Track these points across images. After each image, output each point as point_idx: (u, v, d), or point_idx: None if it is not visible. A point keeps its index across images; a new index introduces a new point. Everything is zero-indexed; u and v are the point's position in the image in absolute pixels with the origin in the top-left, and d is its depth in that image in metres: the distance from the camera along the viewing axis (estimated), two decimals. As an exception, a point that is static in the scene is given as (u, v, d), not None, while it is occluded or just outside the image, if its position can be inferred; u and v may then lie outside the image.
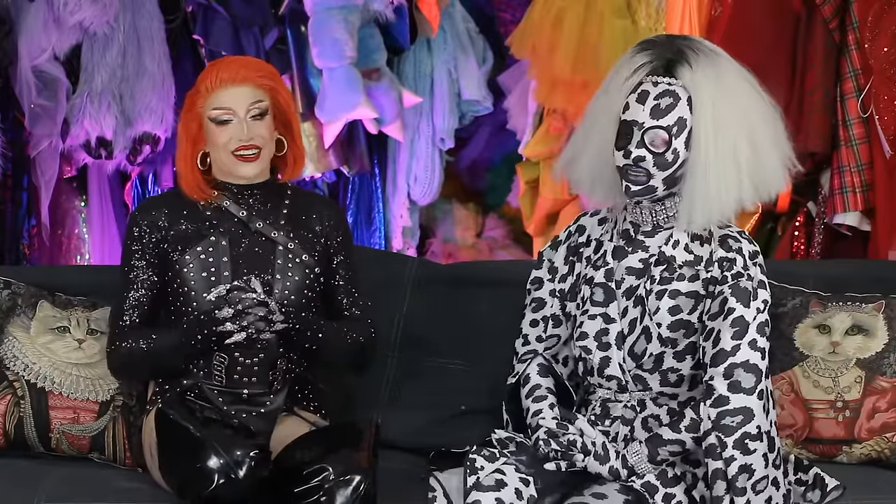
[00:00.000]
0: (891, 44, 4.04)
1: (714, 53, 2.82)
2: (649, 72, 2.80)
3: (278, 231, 3.07)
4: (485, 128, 5.33)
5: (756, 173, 2.79)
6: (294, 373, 3.09)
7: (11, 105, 4.50)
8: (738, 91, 2.80)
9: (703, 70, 2.78)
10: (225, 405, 3.00)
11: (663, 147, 2.77)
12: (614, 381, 2.88)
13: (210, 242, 3.04)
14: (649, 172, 2.78)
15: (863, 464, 3.17)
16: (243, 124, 3.01)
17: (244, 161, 3.03)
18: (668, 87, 2.78)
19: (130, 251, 3.08)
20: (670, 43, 2.84)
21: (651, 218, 2.87)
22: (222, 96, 3.02)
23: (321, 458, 2.78)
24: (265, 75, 3.07)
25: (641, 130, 2.77)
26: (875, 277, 3.41)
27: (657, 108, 2.77)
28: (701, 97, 2.77)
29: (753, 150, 2.78)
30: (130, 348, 3.02)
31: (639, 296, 2.85)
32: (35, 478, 3.06)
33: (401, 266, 3.56)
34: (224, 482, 2.72)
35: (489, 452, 2.82)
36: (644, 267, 2.87)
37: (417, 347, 3.45)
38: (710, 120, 2.76)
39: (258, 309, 2.92)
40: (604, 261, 2.91)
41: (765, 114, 2.82)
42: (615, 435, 2.87)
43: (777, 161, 2.82)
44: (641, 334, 2.84)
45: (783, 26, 4.21)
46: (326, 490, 2.73)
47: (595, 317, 2.89)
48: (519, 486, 2.76)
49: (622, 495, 2.78)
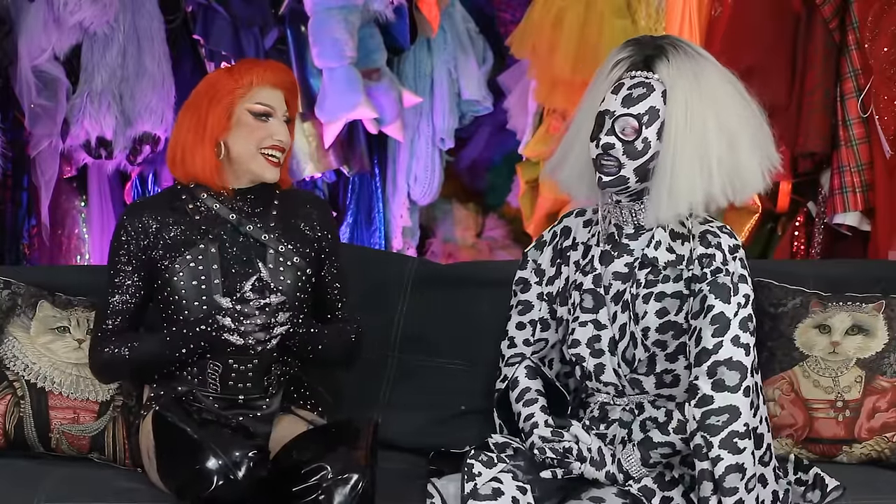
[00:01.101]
0: (891, 44, 4.04)
1: (697, 54, 2.83)
2: (629, 67, 2.82)
3: (269, 234, 3.06)
4: (485, 128, 5.34)
5: (731, 172, 2.78)
6: (288, 375, 3.09)
7: (11, 105, 4.50)
8: (716, 91, 2.79)
9: (681, 66, 2.79)
10: (221, 410, 3.00)
11: (633, 135, 2.77)
12: (611, 387, 2.88)
13: (200, 250, 3.02)
14: (619, 161, 2.78)
15: (863, 464, 3.18)
16: (283, 126, 3.02)
17: (271, 164, 3.01)
18: (643, 80, 2.80)
19: (117, 255, 3.05)
20: (653, 41, 2.86)
21: (632, 218, 2.86)
22: (266, 93, 3.01)
23: (319, 458, 2.77)
24: (295, 87, 3.10)
25: (612, 119, 2.78)
26: (875, 277, 3.41)
27: (629, 98, 2.78)
28: (675, 91, 2.77)
29: (730, 149, 2.77)
30: (112, 354, 3.02)
31: (626, 301, 2.85)
32: (35, 478, 3.06)
33: (401, 266, 3.56)
34: (223, 483, 2.71)
35: (487, 457, 2.81)
36: (629, 271, 2.87)
37: (417, 347, 3.45)
38: (682, 114, 2.76)
39: (259, 317, 2.91)
40: (591, 266, 2.91)
41: (745, 116, 2.81)
42: (612, 437, 2.87)
43: (756, 162, 2.80)
44: (630, 340, 2.84)
45: (783, 26, 4.21)
46: (324, 489, 2.73)
47: (586, 323, 2.89)
48: (516, 494, 2.75)
49: (620, 499, 2.78)
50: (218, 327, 2.92)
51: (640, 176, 2.79)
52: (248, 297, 2.90)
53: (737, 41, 4.13)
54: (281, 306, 2.93)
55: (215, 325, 2.92)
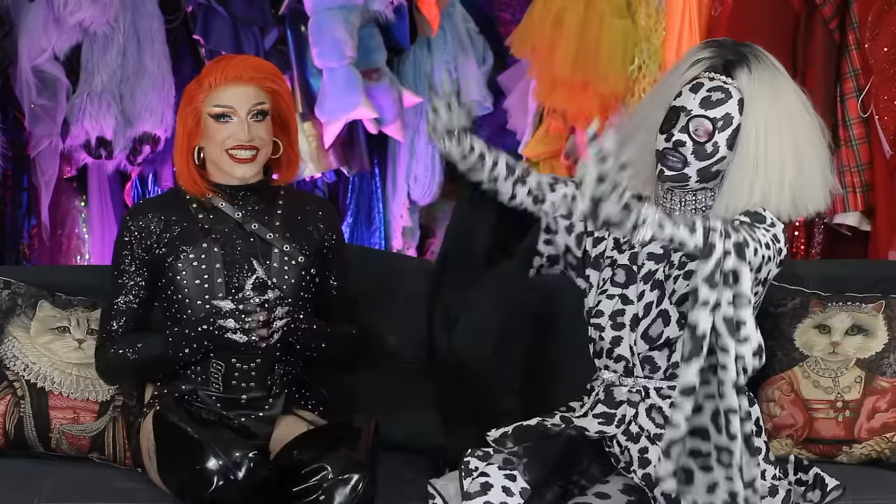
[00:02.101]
0: (891, 44, 4.04)
1: (776, 68, 2.85)
2: (707, 67, 2.84)
3: (273, 232, 3.07)
4: (485, 128, 5.32)
5: (798, 189, 2.81)
6: (291, 375, 3.09)
7: (11, 105, 4.49)
8: (791, 108, 2.82)
9: (761, 78, 2.81)
10: (224, 410, 3.00)
11: (705, 137, 2.80)
12: (622, 364, 2.88)
13: (203, 249, 3.03)
14: (686, 160, 2.80)
15: (863, 464, 3.18)
16: (244, 124, 3.00)
17: (239, 162, 3.01)
18: (722, 84, 2.82)
19: (121, 256, 3.06)
20: (735, 47, 2.88)
21: (680, 207, 2.87)
22: (225, 94, 3.01)
23: (319, 458, 2.78)
24: (270, 77, 3.06)
25: (688, 117, 2.81)
26: (875, 277, 3.41)
27: (707, 100, 2.81)
28: (753, 102, 2.80)
29: (798, 167, 2.80)
30: (116, 355, 3.03)
31: (657, 280, 2.86)
32: (35, 478, 3.06)
33: (401, 266, 3.56)
34: (223, 483, 2.71)
35: (483, 453, 2.82)
36: (664, 252, 2.88)
37: (417, 347, 3.44)
38: (761, 126, 2.79)
39: (260, 314, 2.91)
40: (629, 244, 2.92)
41: (813, 139, 2.84)
42: (622, 417, 2.87)
43: (820, 181, 2.84)
44: (658, 317, 2.85)
45: (783, 26, 4.21)
46: (325, 489, 2.73)
47: (613, 297, 2.90)
48: (505, 482, 2.75)
49: (625, 496, 2.80)
50: (221, 328, 2.92)
51: (702, 177, 2.82)
52: (249, 296, 2.91)
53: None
54: (279, 301, 2.93)
55: (218, 325, 2.93)
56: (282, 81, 3.11)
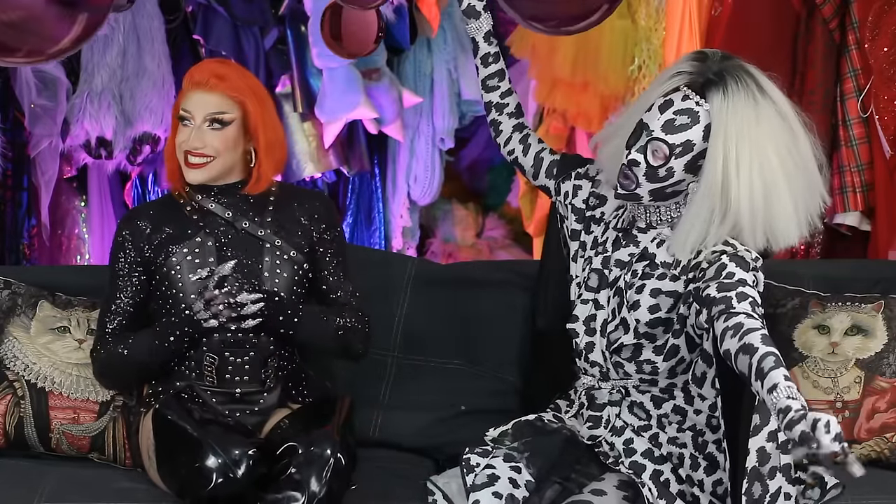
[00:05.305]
0: (891, 44, 4.04)
1: (757, 91, 2.73)
2: (686, 82, 2.76)
3: (265, 229, 3.08)
4: (485, 128, 5.32)
5: (763, 223, 2.73)
6: (287, 370, 3.10)
7: (11, 105, 4.50)
8: (766, 138, 2.71)
9: (735, 103, 2.71)
10: (218, 405, 3.01)
11: (661, 160, 2.76)
12: (597, 368, 2.90)
13: (196, 244, 3.05)
14: (638, 181, 2.78)
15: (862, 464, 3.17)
16: (197, 131, 3.01)
17: (190, 167, 3.04)
18: (692, 107, 2.74)
19: (115, 259, 3.10)
20: (722, 63, 2.77)
21: (645, 216, 2.87)
22: (189, 98, 3.04)
23: (292, 438, 2.80)
24: (237, 89, 3.03)
25: (648, 137, 2.76)
26: (875, 277, 3.41)
27: (671, 124, 2.75)
28: (722, 130, 2.71)
29: (766, 203, 2.71)
30: (109, 353, 3.05)
31: (618, 287, 2.87)
32: (35, 478, 3.06)
33: (400, 266, 3.56)
34: (222, 481, 2.72)
35: (482, 449, 2.85)
36: (628, 260, 2.88)
37: (417, 347, 3.45)
38: (730, 155, 2.70)
39: (224, 296, 2.92)
40: (604, 248, 2.92)
41: (794, 165, 2.74)
42: (607, 418, 2.89)
43: (791, 215, 2.74)
44: (619, 325, 2.86)
45: (783, 26, 4.21)
46: (297, 466, 2.74)
47: (588, 302, 2.91)
48: (511, 474, 2.78)
49: (621, 491, 2.82)
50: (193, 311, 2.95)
51: (655, 196, 2.80)
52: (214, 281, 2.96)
53: (737, 41, 4.12)
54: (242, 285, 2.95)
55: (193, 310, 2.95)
56: (251, 93, 3.05)
